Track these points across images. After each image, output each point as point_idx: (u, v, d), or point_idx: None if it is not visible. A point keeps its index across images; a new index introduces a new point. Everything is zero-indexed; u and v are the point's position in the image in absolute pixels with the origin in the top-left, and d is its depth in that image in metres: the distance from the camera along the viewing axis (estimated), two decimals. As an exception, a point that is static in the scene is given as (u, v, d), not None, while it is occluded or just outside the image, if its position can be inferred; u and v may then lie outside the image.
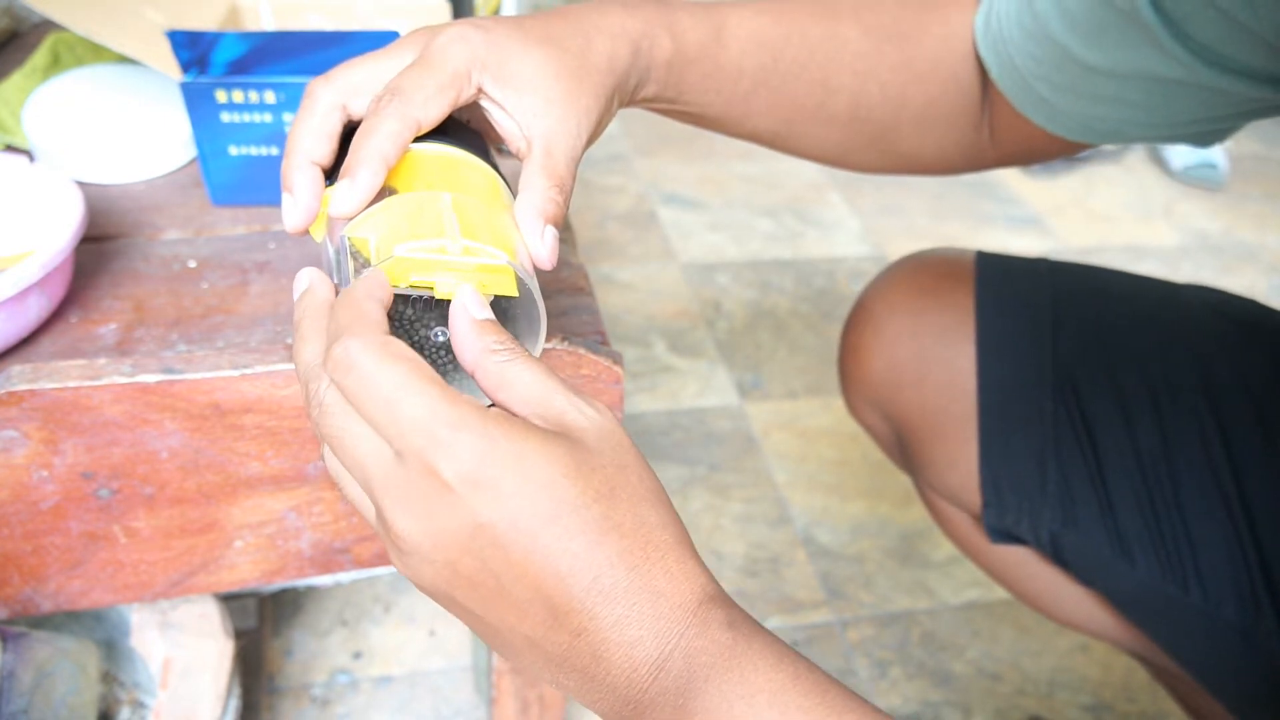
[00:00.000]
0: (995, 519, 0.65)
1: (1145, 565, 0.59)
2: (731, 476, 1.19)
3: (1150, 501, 0.59)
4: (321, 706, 0.89)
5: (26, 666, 0.57)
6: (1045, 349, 0.63)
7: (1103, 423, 0.60)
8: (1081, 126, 0.52)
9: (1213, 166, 1.93)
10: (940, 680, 0.97)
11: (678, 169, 1.83)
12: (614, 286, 1.50)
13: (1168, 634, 0.61)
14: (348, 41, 0.56)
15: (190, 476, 0.50)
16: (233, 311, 0.53)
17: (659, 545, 0.31)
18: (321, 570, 0.56)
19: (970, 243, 1.64)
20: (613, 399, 0.52)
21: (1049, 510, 0.62)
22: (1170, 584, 0.58)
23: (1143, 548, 0.59)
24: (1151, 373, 0.61)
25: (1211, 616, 0.57)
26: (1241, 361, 0.60)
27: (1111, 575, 0.61)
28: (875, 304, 0.70)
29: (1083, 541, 0.61)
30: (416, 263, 0.37)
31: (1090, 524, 0.60)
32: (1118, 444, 0.60)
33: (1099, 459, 0.60)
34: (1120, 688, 0.98)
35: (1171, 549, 0.58)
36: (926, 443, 0.68)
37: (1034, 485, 0.62)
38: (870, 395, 0.71)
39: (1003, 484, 0.63)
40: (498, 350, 0.33)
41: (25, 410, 0.45)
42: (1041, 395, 0.62)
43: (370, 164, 0.38)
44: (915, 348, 0.67)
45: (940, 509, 0.73)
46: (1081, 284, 0.67)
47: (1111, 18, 0.47)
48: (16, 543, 0.50)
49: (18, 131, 0.65)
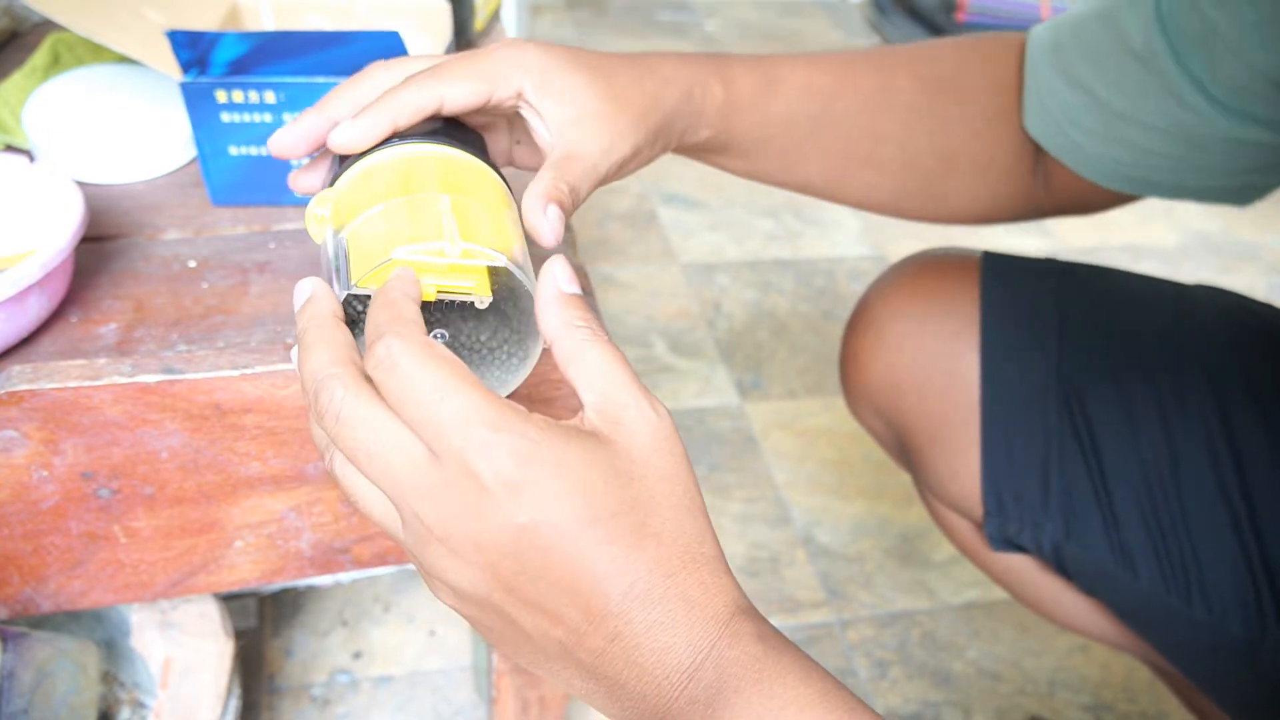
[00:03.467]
0: (997, 529, 0.64)
1: (1148, 577, 0.58)
2: (731, 476, 1.19)
3: (1155, 514, 0.58)
4: (321, 706, 0.89)
5: (26, 666, 0.57)
6: (1050, 357, 0.62)
7: (1107, 433, 0.59)
8: (1113, 173, 0.53)
9: (1213, 166, 1.93)
10: (940, 680, 0.97)
11: (678, 169, 1.83)
12: (614, 286, 1.50)
13: (1171, 644, 0.61)
14: (348, 41, 0.56)
15: (190, 476, 0.50)
16: (233, 311, 0.53)
17: (696, 556, 0.31)
18: (321, 570, 0.56)
19: (970, 243, 1.64)
20: (613, 399, 0.52)
21: (1051, 522, 0.61)
22: (1174, 596, 0.57)
23: (1146, 560, 0.58)
24: (1159, 381, 0.60)
25: (1216, 629, 0.56)
26: (1251, 368, 0.59)
27: (1114, 586, 0.60)
28: (877, 307, 0.69)
29: (1085, 553, 0.60)
30: (415, 265, 0.37)
31: (1093, 536, 0.60)
32: (1123, 455, 0.59)
33: (1103, 470, 0.59)
34: (1120, 688, 0.98)
35: (1175, 562, 0.57)
36: (927, 450, 0.67)
37: (1036, 497, 0.61)
38: (871, 400, 0.70)
39: (1005, 495, 0.63)
40: (579, 327, 0.34)
41: (25, 410, 0.45)
42: (1046, 405, 0.61)
43: (379, 114, 0.39)
44: (917, 354, 0.66)
45: (941, 514, 0.72)
46: (1089, 287, 0.65)
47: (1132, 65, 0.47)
48: (16, 543, 0.50)
49: (18, 131, 0.65)
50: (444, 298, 0.38)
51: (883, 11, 2.45)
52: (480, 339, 0.40)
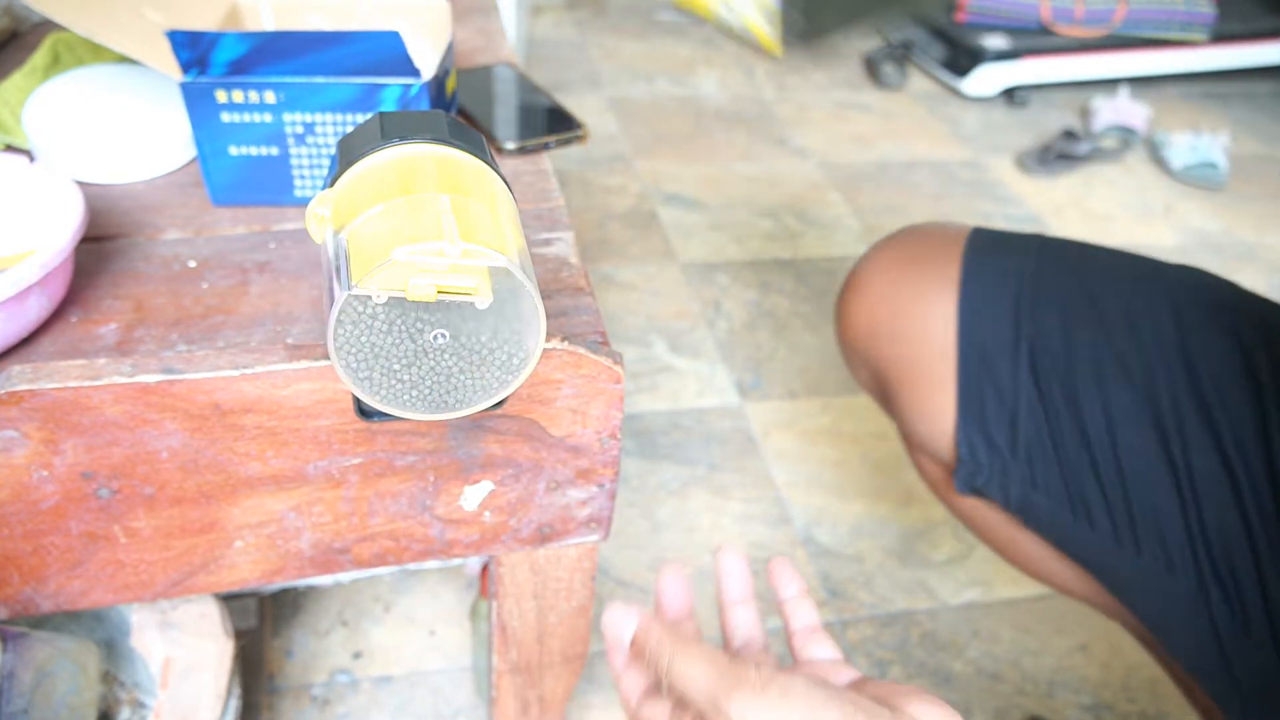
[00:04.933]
0: (967, 478, 0.68)
1: (1103, 528, 0.62)
2: (731, 476, 1.19)
3: (1096, 469, 0.62)
4: (321, 706, 0.89)
5: (26, 666, 0.57)
6: (1023, 316, 0.66)
7: (1061, 392, 0.64)
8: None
9: (1213, 166, 1.93)
10: (940, 680, 0.97)
11: (678, 169, 1.83)
12: (614, 286, 1.50)
13: (1128, 593, 0.64)
14: (348, 41, 0.56)
15: (190, 476, 0.50)
16: (233, 311, 0.53)
17: None
18: (321, 570, 0.56)
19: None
20: (613, 399, 0.52)
21: (1018, 470, 0.65)
22: (1126, 547, 0.61)
23: (1100, 512, 0.62)
24: (1113, 346, 0.63)
25: (1164, 578, 0.60)
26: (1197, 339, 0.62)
27: (1074, 537, 0.64)
28: (866, 265, 0.75)
29: (1048, 502, 0.64)
30: (415, 265, 0.37)
31: (1054, 486, 0.63)
32: (1072, 414, 0.63)
33: (1061, 426, 0.63)
34: (1120, 688, 0.98)
35: (1123, 515, 0.61)
36: (902, 394, 0.72)
37: (1005, 447, 0.65)
38: (855, 348, 0.76)
39: (977, 444, 0.67)
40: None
41: (25, 410, 0.45)
42: (1018, 361, 0.65)
43: None
44: (895, 304, 0.71)
45: (916, 457, 0.77)
46: (1068, 257, 0.69)
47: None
48: (16, 543, 0.50)
49: (18, 131, 0.65)
50: (444, 298, 0.38)
51: (883, 11, 2.45)
52: (480, 339, 0.40)
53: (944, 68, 2.21)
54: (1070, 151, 1.94)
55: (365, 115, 0.58)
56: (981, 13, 2.18)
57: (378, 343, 0.39)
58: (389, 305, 0.38)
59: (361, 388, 0.40)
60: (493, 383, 0.42)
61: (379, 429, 0.50)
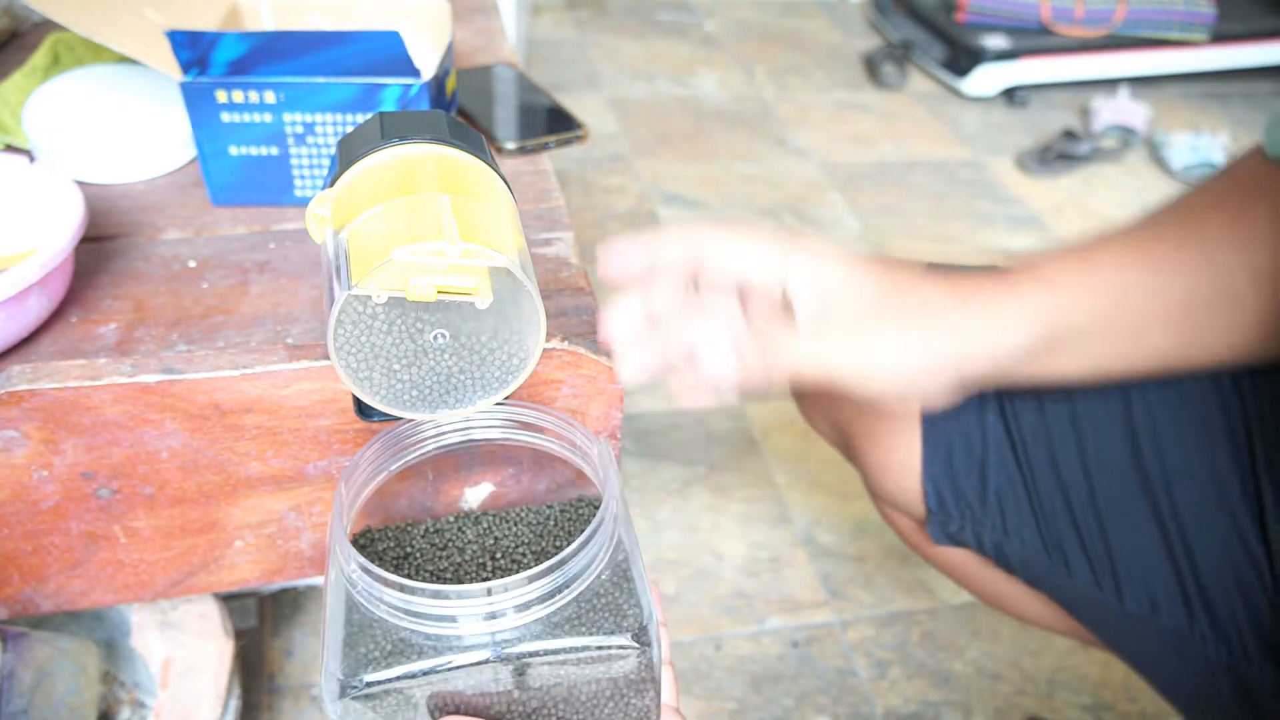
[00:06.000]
0: (939, 527, 0.66)
1: (1080, 573, 0.60)
2: (731, 476, 1.19)
3: (1072, 514, 0.59)
4: (321, 706, 0.89)
5: (26, 666, 0.57)
6: None
7: (1031, 433, 0.61)
8: None
9: (1213, 166, 1.93)
10: (940, 680, 0.97)
11: (678, 169, 1.83)
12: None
13: (1112, 636, 0.62)
14: (348, 41, 0.56)
15: (190, 476, 0.50)
16: (233, 311, 0.53)
17: None
18: (321, 570, 0.56)
19: (970, 242, 1.64)
20: (612, 399, 0.52)
21: (990, 519, 0.63)
22: (1105, 591, 0.59)
23: (1076, 557, 0.60)
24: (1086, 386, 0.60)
25: (1147, 622, 0.58)
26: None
27: (1053, 582, 0.62)
28: None
29: (1023, 550, 0.62)
30: (415, 265, 0.37)
31: (1028, 533, 0.61)
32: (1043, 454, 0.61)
33: (1033, 470, 0.61)
34: (1120, 688, 0.98)
35: (1102, 559, 0.59)
36: (864, 449, 0.69)
37: (975, 496, 0.63)
38: (817, 405, 0.73)
39: (945, 495, 0.64)
40: None
41: (25, 410, 0.45)
42: (984, 408, 0.62)
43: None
44: None
45: (885, 510, 0.74)
46: None
47: None
48: (16, 543, 0.50)
49: (18, 131, 0.65)
50: (444, 298, 0.38)
51: (883, 11, 2.45)
52: (480, 339, 0.40)
53: (944, 68, 2.21)
54: (1070, 151, 1.94)
55: (365, 115, 0.58)
56: (981, 13, 2.19)
57: (378, 343, 0.39)
58: (389, 305, 0.38)
59: (361, 388, 0.40)
60: (493, 383, 0.42)
61: (379, 429, 0.50)
